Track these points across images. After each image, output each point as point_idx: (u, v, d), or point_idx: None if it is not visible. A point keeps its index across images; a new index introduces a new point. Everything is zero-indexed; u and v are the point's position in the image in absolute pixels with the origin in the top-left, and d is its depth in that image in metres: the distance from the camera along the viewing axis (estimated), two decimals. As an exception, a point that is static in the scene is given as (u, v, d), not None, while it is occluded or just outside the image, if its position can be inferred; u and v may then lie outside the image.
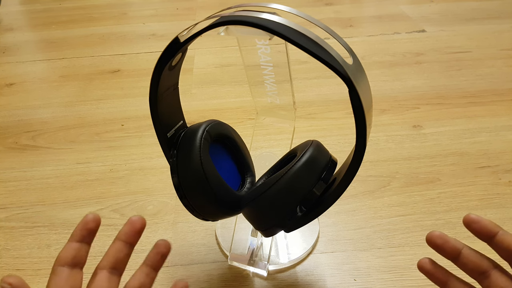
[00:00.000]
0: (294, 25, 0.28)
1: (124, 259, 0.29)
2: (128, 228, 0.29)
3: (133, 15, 1.13)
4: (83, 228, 0.28)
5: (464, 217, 0.28)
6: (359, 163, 0.32)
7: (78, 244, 0.28)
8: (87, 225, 0.28)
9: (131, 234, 0.29)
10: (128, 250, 0.29)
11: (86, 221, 0.28)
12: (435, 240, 0.29)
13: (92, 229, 0.28)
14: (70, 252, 0.28)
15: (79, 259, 0.28)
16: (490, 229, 0.27)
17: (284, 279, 0.44)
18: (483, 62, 0.82)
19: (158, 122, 0.37)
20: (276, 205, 0.35)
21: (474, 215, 0.28)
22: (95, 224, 0.29)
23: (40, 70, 0.88)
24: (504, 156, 0.59)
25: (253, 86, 0.43)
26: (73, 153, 0.64)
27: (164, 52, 0.33)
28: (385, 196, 0.53)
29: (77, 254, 0.28)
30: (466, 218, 0.28)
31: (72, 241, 0.28)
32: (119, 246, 0.29)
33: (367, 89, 0.31)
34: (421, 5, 1.10)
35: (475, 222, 0.28)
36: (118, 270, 0.29)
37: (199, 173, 0.35)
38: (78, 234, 0.28)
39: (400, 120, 0.67)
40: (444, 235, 0.29)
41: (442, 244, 0.28)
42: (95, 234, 0.29)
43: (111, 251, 0.29)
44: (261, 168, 0.43)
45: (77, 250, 0.28)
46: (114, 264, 0.29)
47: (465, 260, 0.28)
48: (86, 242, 0.28)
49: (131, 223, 0.29)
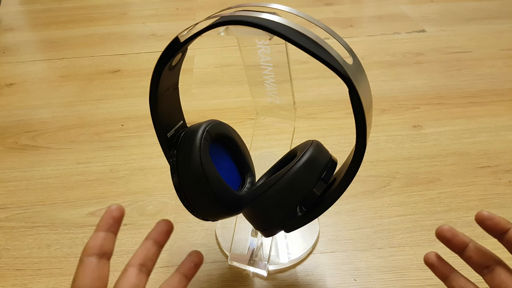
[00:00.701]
0: (294, 25, 0.28)
1: (152, 257, 0.30)
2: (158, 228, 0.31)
3: (133, 15, 1.13)
4: (109, 217, 0.28)
5: (476, 214, 0.29)
6: (359, 163, 0.32)
7: (104, 233, 0.28)
8: (113, 213, 0.29)
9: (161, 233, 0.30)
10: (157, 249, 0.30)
11: (111, 210, 0.29)
12: (445, 233, 0.30)
13: (117, 218, 0.29)
14: (98, 242, 0.28)
15: (106, 249, 0.28)
16: (502, 226, 0.28)
17: (284, 279, 0.44)
18: (483, 62, 0.82)
19: (158, 122, 0.37)
20: (276, 205, 0.35)
21: (487, 212, 0.28)
22: (119, 213, 0.29)
23: (40, 70, 0.88)
24: (504, 156, 0.59)
25: (253, 86, 0.43)
26: (73, 153, 0.64)
27: (164, 52, 0.33)
28: (385, 196, 0.53)
29: (104, 243, 0.28)
30: (479, 215, 0.29)
31: (98, 231, 0.28)
32: (148, 245, 0.30)
33: (367, 89, 0.31)
34: (421, 5, 1.10)
35: (488, 219, 0.28)
36: (147, 268, 0.29)
37: (199, 173, 0.35)
38: (104, 223, 0.28)
39: (400, 120, 0.67)
40: (453, 229, 0.30)
41: (451, 238, 0.29)
42: (120, 223, 0.29)
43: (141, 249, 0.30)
44: (261, 168, 0.43)
45: (104, 239, 0.28)
46: (144, 261, 0.29)
47: (471, 253, 0.29)
48: (113, 231, 0.29)
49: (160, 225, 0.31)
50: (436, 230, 0.30)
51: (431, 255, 0.31)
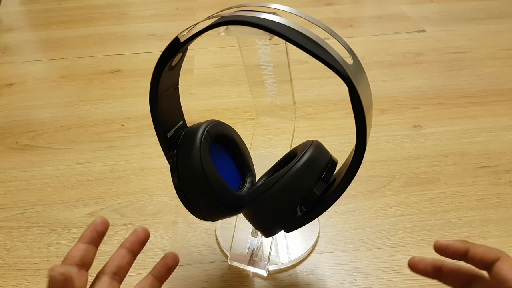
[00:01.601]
0: (294, 25, 0.28)
1: (126, 266, 0.31)
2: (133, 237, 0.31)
3: (133, 15, 1.13)
4: (93, 230, 0.30)
5: (434, 245, 0.29)
6: (359, 163, 0.32)
7: (86, 245, 0.29)
8: (97, 227, 0.30)
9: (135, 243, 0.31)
10: (131, 258, 0.31)
11: (95, 224, 0.30)
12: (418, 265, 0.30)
13: (101, 232, 0.30)
14: (79, 253, 0.29)
15: (86, 260, 0.29)
16: (461, 248, 0.29)
17: (284, 279, 0.44)
18: (483, 62, 0.82)
19: (158, 122, 0.37)
20: (276, 205, 0.35)
21: (442, 241, 0.29)
22: (104, 227, 0.30)
23: (40, 70, 0.88)
24: (504, 156, 0.59)
25: (253, 86, 0.43)
26: (73, 153, 0.64)
27: (164, 52, 0.33)
28: (385, 196, 0.53)
29: (85, 254, 0.29)
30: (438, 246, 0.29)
31: (80, 242, 0.29)
32: (122, 253, 0.31)
33: (367, 89, 0.31)
34: (421, 5, 1.10)
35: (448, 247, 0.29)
36: (120, 277, 0.30)
37: (199, 173, 0.35)
38: (87, 235, 0.30)
39: (400, 120, 0.67)
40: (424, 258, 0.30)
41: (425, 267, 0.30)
42: (103, 237, 0.30)
43: (115, 257, 0.31)
44: (261, 168, 0.43)
45: (85, 251, 0.29)
46: (117, 270, 0.30)
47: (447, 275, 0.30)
48: (94, 244, 0.30)
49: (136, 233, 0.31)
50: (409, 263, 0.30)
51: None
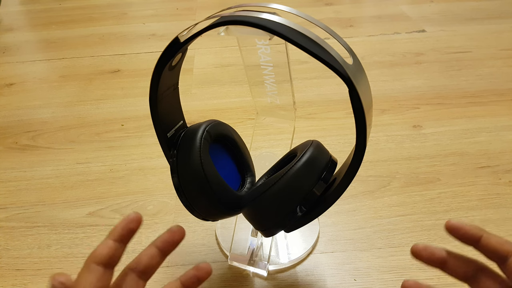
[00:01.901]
0: (294, 25, 0.28)
1: (155, 265, 0.29)
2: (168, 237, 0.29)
3: (133, 15, 1.13)
4: (125, 227, 0.27)
5: (445, 224, 0.28)
6: (359, 163, 0.32)
7: (115, 243, 0.27)
8: (130, 224, 0.27)
9: (168, 243, 0.29)
10: (161, 258, 0.29)
11: (129, 220, 0.27)
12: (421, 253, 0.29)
13: (133, 229, 0.28)
14: (107, 251, 0.27)
15: (114, 260, 0.27)
16: (473, 234, 0.28)
17: (284, 279, 0.44)
18: (483, 62, 0.82)
19: (158, 122, 0.37)
20: (276, 205, 0.35)
21: (456, 221, 0.28)
22: (136, 224, 0.28)
23: (40, 70, 0.88)
24: (504, 156, 0.59)
25: (253, 86, 0.43)
26: (73, 153, 0.64)
27: (164, 52, 0.33)
28: (385, 196, 0.53)
29: (114, 254, 0.27)
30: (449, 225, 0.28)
31: (110, 239, 0.27)
32: (153, 253, 0.28)
33: (367, 89, 0.31)
34: (421, 5, 1.10)
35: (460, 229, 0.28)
36: (147, 276, 0.28)
37: (199, 173, 0.35)
38: (118, 232, 0.27)
39: (400, 120, 0.67)
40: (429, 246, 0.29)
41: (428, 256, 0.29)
42: (134, 234, 0.28)
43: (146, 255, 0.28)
44: (261, 168, 0.43)
45: (114, 249, 0.27)
46: (145, 269, 0.28)
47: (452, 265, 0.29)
48: (124, 242, 0.28)
49: (172, 232, 0.28)
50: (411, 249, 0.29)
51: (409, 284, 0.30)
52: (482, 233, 0.28)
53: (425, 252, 0.29)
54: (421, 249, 0.29)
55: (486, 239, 0.27)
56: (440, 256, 0.29)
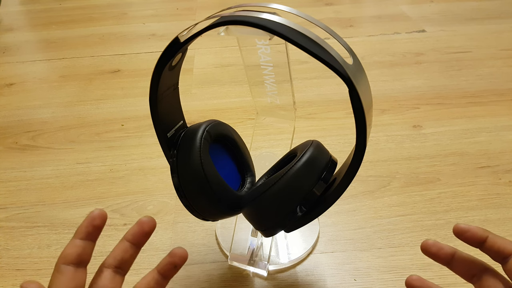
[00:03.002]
0: (294, 25, 0.28)
1: (129, 259, 0.28)
2: (137, 229, 0.28)
3: (133, 15, 1.13)
4: (89, 224, 0.27)
5: (453, 227, 0.29)
6: (359, 163, 0.32)
7: (83, 241, 0.27)
8: (94, 221, 0.27)
9: (139, 235, 0.28)
10: (135, 251, 0.29)
11: (92, 217, 0.27)
12: (431, 248, 0.30)
13: (98, 226, 0.27)
14: (75, 250, 0.27)
15: (84, 258, 0.27)
16: (480, 235, 0.28)
17: (284, 279, 0.44)
18: (483, 62, 0.82)
19: (158, 122, 0.37)
20: (276, 205, 0.35)
21: (463, 224, 0.29)
22: (101, 221, 0.27)
23: (40, 70, 0.88)
24: (504, 156, 0.59)
25: (253, 86, 0.43)
26: (73, 153, 0.64)
27: (164, 52, 0.33)
28: (385, 196, 0.53)
29: (82, 252, 0.27)
30: (456, 228, 0.29)
31: (77, 238, 0.27)
32: (125, 247, 0.28)
33: (367, 89, 0.31)
34: (421, 5, 1.10)
35: (466, 231, 0.29)
36: (123, 270, 0.28)
37: (199, 173, 0.35)
38: (83, 231, 0.27)
39: (400, 120, 0.67)
40: (438, 242, 0.30)
41: (437, 252, 0.30)
42: (100, 231, 0.28)
43: (118, 250, 0.28)
44: (261, 168, 0.43)
45: (82, 248, 0.27)
46: (120, 264, 0.28)
47: (458, 264, 0.30)
48: (91, 239, 0.28)
49: (140, 224, 0.28)
50: (422, 245, 0.30)
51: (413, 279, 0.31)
52: (488, 234, 0.28)
53: (434, 247, 0.30)
54: (430, 244, 0.30)
55: (491, 240, 0.28)
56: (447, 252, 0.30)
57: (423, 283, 0.30)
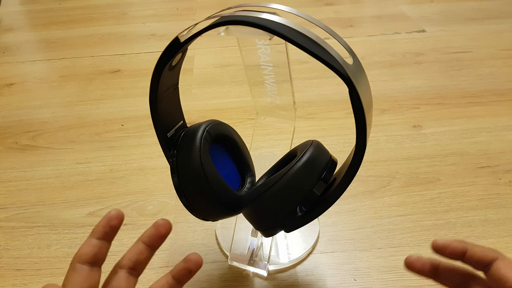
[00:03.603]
0: (294, 25, 0.28)
1: (144, 261, 0.29)
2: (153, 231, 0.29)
3: (133, 15, 1.13)
4: (106, 224, 0.27)
5: (432, 244, 0.29)
6: (359, 163, 0.32)
7: (99, 241, 0.27)
8: (111, 221, 0.27)
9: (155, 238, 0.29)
10: (149, 253, 0.29)
11: (109, 218, 0.27)
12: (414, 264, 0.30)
13: (115, 226, 0.28)
14: (91, 249, 0.27)
15: (99, 257, 0.27)
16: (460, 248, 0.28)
17: (284, 279, 0.44)
18: (483, 62, 0.82)
19: (158, 122, 0.37)
20: (276, 205, 0.35)
21: (441, 240, 0.29)
22: (118, 221, 0.28)
23: (40, 70, 0.88)
24: (504, 156, 0.59)
25: (253, 86, 0.43)
26: (73, 153, 0.64)
27: (164, 52, 0.33)
28: (385, 196, 0.53)
29: (98, 251, 0.27)
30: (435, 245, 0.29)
31: (93, 238, 0.27)
32: (140, 248, 0.29)
33: (367, 89, 0.31)
34: (421, 5, 1.10)
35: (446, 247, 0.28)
36: (137, 271, 0.29)
37: (199, 173, 0.35)
38: (100, 230, 0.27)
39: (400, 120, 0.67)
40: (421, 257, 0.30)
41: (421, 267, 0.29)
42: (117, 231, 0.28)
43: (133, 251, 0.29)
44: (261, 168, 0.43)
45: (98, 247, 0.27)
46: (134, 265, 0.28)
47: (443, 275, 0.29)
48: (107, 239, 0.28)
49: (157, 226, 0.29)
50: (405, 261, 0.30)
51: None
52: (467, 245, 0.28)
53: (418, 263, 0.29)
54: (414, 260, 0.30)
55: (471, 251, 0.28)
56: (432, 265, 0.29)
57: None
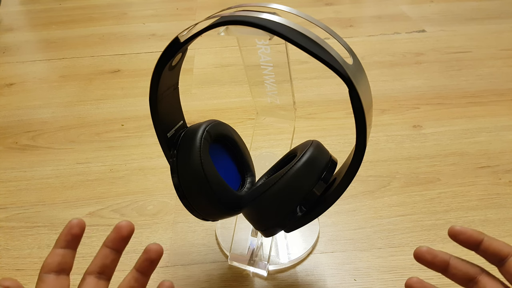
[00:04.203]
0: (294, 25, 0.28)
1: (110, 265, 0.29)
2: (114, 234, 0.29)
3: (133, 15, 1.13)
4: (67, 233, 0.28)
5: (449, 229, 0.29)
6: (359, 163, 0.32)
7: (63, 250, 0.28)
8: (72, 230, 0.28)
9: (117, 240, 0.29)
10: (115, 256, 0.29)
11: (70, 226, 0.28)
12: (425, 256, 0.29)
13: (76, 234, 0.28)
14: (55, 259, 0.28)
15: (64, 266, 0.28)
16: (475, 238, 0.28)
17: (284, 279, 0.44)
18: (483, 62, 0.82)
19: (158, 122, 0.37)
20: (276, 205, 0.35)
21: (458, 226, 0.29)
22: (79, 229, 0.28)
23: (40, 70, 0.88)
24: (504, 156, 0.59)
25: (253, 86, 0.43)
26: (73, 153, 0.64)
27: (164, 52, 0.33)
28: (385, 196, 0.53)
29: (62, 260, 0.28)
30: (452, 230, 0.29)
31: (57, 247, 0.28)
32: (105, 252, 0.29)
33: (367, 89, 0.31)
34: (421, 5, 1.10)
35: (461, 233, 0.28)
36: (106, 275, 0.29)
37: (199, 173, 0.35)
38: (62, 239, 0.28)
39: (400, 120, 0.67)
40: (432, 250, 0.29)
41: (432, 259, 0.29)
42: (80, 239, 0.29)
43: (98, 256, 0.29)
44: (261, 168, 0.43)
45: (62, 256, 0.28)
46: (101, 269, 0.29)
47: (454, 270, 0.29)
48: (71, 247, 0.28)
49: (118, 229, 0.29)
50: (415, 253, 0.29)
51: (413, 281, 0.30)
52: (483, 236, 0.28)
53: (428, 255, 0.29)
54: (424, 252, 0.29)
55: (487, 242, 0.28)
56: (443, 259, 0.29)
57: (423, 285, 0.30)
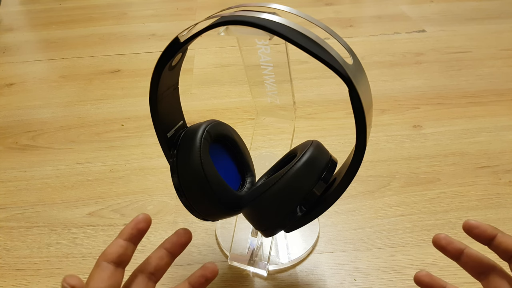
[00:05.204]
0: (294, 25, 0.28)
1: (164, 267, 0.30)
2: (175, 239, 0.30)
3: (133, 15, 1.13)
4: (134, 227, 0.28)
5: (463, 223, 0.29)
6: (359, 163, 0.32)
7: (125, 242, 0.28)
8: (138, 224, 0.28)
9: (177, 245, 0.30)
10: (170, 259, 0.30)
11: (137, 221, 0.29)
12: (441, 241, 0.30)
13: (142, 229, 0.29)
14: (118, 249, 0.28)
15: (124, 258, 0.28)
16: (489, 233, 0.29)
17: (284, 279, 0.44)
18: (483, 62, 0.82)
19: (158, 122, 0.37)
20: (276, 205, 0.35)
21: (473, 220, 0.29)
22: (145, 224, 0.29)
23: (40, 70, 0.88)
24: (504, 156, 0.59)
25: (253, 86, 0.43)
26: (73, 153, 0.64)
27: (164, 52, 0.33)
28: (385, 196, 0.53)
29: (124, 252, 0.28)
30: (466, 224, 0.29)
31: (120, 238, 0.28)
32: (162, 254, 0.30)
33: (367, 89, 0.31)
34: (421, 5, 1.10)
35: (475, 227, 0.29)
36: (156, 277, 0.29)
37: (199, 173, 0.35)
38: (128, 232, 0.28)
39: (400, 120, 0.67)
40: (449, 237, 0.30)
41: (446, 245, 0.30)
42: (144, 234, 0.29)
43: (154, 257, 0.30)
44: (261, 168, 0.43)
45: (124, 248, 0.28)
46: (154, 270, 0.29)
47: (467, 259, 0.30)
48: (133, 242, 0.29)
49: (178, 235, 0.30)
50: (433, 238, 0.31)
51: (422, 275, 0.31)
52: (497, 232, 0.29)
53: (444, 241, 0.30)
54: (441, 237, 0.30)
55: (500, 238, 0.29)
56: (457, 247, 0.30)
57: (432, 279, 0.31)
